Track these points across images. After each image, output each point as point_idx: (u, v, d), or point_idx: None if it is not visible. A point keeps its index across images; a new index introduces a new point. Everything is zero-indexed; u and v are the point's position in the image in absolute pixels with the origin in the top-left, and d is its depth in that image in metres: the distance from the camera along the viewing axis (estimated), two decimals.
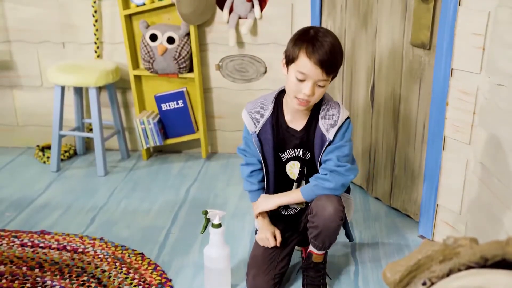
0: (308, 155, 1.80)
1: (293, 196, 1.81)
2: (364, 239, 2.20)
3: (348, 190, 1.91)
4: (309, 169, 1.82)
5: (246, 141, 1.86)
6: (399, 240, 2.19)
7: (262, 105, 1.80)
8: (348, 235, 1.93)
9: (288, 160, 1.82)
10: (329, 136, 1.72)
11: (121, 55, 2.97)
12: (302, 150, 1.80)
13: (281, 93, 1.81)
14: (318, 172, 1.78)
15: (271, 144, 1.79)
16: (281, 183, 1.86)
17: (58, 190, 2.67)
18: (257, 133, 1.78)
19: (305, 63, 1.63)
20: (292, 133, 1.78)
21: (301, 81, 1.65)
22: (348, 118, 1.75)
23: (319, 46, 1.62)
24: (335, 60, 1.65)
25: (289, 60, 1.69)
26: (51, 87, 3.05)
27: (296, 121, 1.78)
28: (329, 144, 1.73)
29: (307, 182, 1.83)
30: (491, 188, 1.75)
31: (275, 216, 1.92)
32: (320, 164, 1.77)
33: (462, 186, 1.97)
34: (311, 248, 1.82)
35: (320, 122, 1.74)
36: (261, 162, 1.84)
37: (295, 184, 1.85)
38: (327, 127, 1.72)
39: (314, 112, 1.77)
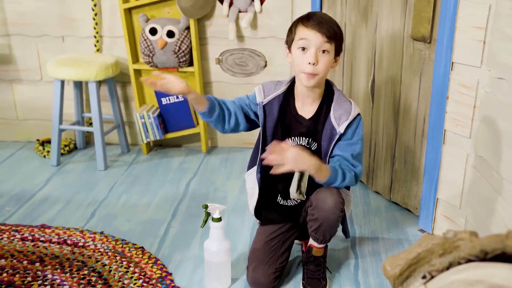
0: (315, 146, 1.79)
1: (319, 168, 1.65)
2: (364, 233, 2.20)
3: (348, 188, 1.90)
4: None
5: (240, 99, 1.82)
6: (399, 234, 2.19)
7: (276, 83, 1.82)
8: (345, 231, 1.93)
9: None
10: (340, 129, 1.71)
11: (121, 49, 2.96)
12: (307, 139, 1.79)
13: (294, 80, 1.82)
14: None
15: (275, 120, 1.78)
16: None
17: (58, 184, 2.67)
18: (263, 103, 1.78)
19: (303, 31, 1.68)
20: (300, 121, 1.78)
21: (304, 50, 1.67)
22: (359, 114, 1.75)
23: (312, 14, 1.71)
24: (332, 24, 1.69)
25: (290, 42, 1.74)
26: (51, 81, 3.05)
27: (306, 108, 1.78)
28: (339, 139, 1.73)
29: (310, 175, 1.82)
30: (491, 182, 1.75)
31: (273, 206, 1.91)
32: (328, 159, 1.76)
33: (462, 180, 1.97)
34: (311, 241, 1.82)
35: (331, 114, 1.74)
36: (248, 129, 1.83)
37: (297, 174, 1.84)
38: (339, 120, 1.72)
39: (324, 102, 1.77)
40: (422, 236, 0.88)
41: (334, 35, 1.68)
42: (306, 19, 1.69)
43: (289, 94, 1.80)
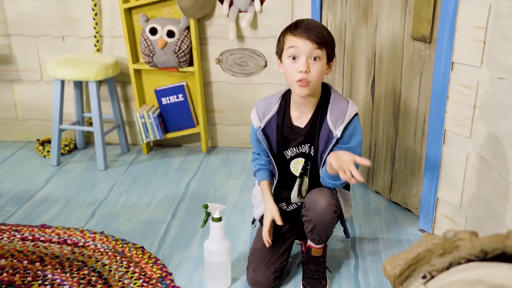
0: (313, 151, 1.80)
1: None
2: (364, 233, 2.20)
3: (347, 187, 1.90)
4: (313, 165, 1.82)
5: (251, 137, 1.89)
6: (399, 234, 2.19)
7: (268, 102, 1.81)
8: (346, 232, 1.93)
9: (293, 157, 1.82)
10: (337, 133, 1.70)
11: (121, 49, 2.96)
12: (307, 145, 1.79)
13: (289, 91, 1.82)
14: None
15: (275, 138, 1.80)
16: (284, 179, 1.86)
17: (59, 184, 2.67)
18: (262, 128, 1.79)
19: (292, 40, 1.66)
20: (296, 131, 1.78)
21: (295, 59, 1.66)
22: (356, 114, 1.74)
23: (300, 22, 1.68)
24: (321, 30, 1.66)
25: (280, 51, 1.73)
26: (51, 81, 3.05)
27: (302, 117, 1.78)
28: (336, 142, 1.72)
29: (310, 178, 1.82)
30: (491, 182, 1.75)
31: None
32: (323, 161, 1.76)
33: (462, 180, 1.97)
34: (309, 242, 1.83)
35: (328, 117, 1.72)
36: (268, 158, 1.85)
37: (298, 180, 1.85)
38: (335, 123, 1.71)
39: (320, 107, 1.76)
40: (422, 236, 0.88)
41: (324, 41, 1.66)
42: (294, 28, 1.67)
43: (284, 108, 1.80)
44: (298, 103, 1.76)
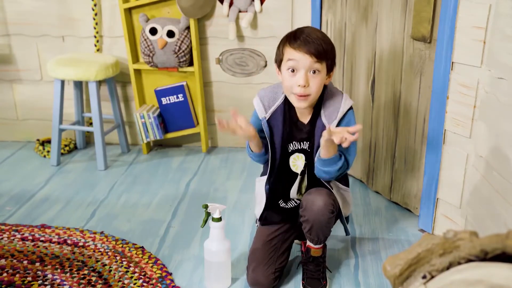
0: (311, 148, 1.80)
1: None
2: (364, 233, 2.20)
3: (346, 183, 1.90)
4: (312, 162, 1.82)
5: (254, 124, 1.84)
6: (399, 234, 2.19)
7: (274, 92, 1.80)
8: (346, 230, 1.93)
9: (293, 152, 1.82)
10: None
11: (121, 49, 2.96)
12: (307, 143, 1.79)
13: None
14: None
15: (281, 131, 1.78)
16: (283, 175, 1.85)
17: (59, 184, 2.67)
18: (267, 118, 1.78)
19: (291, 53, 1.64)
20: (300, 127, 1.78)
21: (293, 72, 1.65)
22: (350, 108, 1.74)
23: (300, 33, 1.65)
24: (321, 42, 1.64)
25: (279, 61, 1.71)
26: (51, 81, 3.05)
27: (304, 116, 1.78)
28: None
29: (310, 175, 1.82)
30: (491, 182, 1.75)
31: (274, 209, 1.91)
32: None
33: (462, 180, 1.97)
34: (308, 242, 1.83)
35: (322, 113, 1.73)
36: (267, 150, 1.82)
37: (299, 177, 1.85)
38: (329, 119, 1.72)
39: (318, 105, 1.76)
40: (422, 236, 0.88)
41: (324, 54, 1.64)
42: (293, 39, 1.65)
43: (289, 101, 1.79)
44: (298, 109, 1.77)
